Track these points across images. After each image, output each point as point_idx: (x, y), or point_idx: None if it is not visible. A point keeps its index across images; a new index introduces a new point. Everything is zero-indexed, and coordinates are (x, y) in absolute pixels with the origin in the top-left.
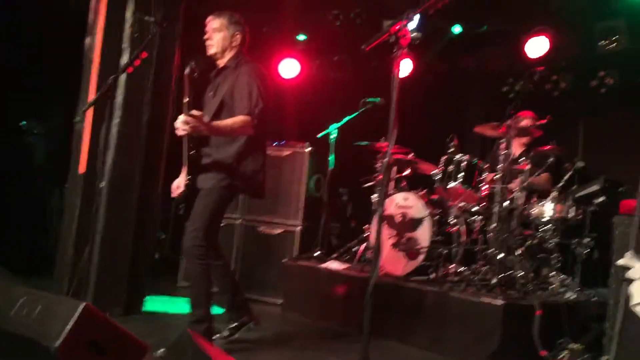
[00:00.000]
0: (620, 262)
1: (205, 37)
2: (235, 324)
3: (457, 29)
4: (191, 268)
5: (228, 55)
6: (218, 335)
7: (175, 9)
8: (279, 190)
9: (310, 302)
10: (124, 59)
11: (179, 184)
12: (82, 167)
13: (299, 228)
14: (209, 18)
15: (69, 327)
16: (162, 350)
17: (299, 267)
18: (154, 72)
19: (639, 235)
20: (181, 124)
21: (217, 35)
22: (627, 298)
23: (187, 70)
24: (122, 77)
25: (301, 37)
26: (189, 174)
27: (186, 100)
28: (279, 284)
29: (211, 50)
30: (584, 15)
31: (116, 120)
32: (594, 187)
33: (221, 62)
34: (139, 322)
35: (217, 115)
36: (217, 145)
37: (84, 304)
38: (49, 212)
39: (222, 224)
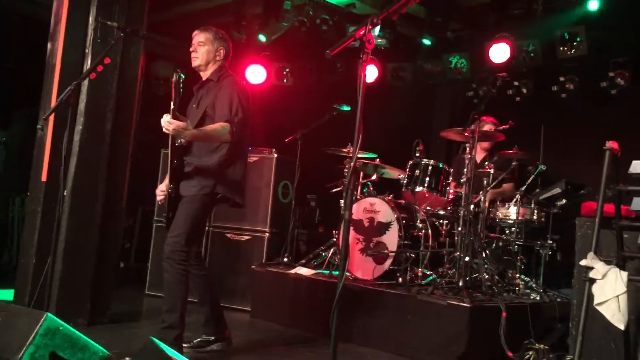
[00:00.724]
0: (583, 262)
1: (191, 49)
2: (207, 337)
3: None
4: (170, 273)
5: (211, 69)
6: (187, 344)
7: (139, 14)
8: (247, 196)
9: (278, 308)
10: (87, 64)
11: (162, 188)
12: (44, 175)
13: (267, 234)
14: (195, 32)
15: (30, 339)
16: (127, 359)
17: (267, 273)
18: (118, 79)
19: (599, 236)
20: (166, 123)
21: (202, 48)
22: (590, 298)
23: (174, 78)
24: (85, 83)
25: (262, 38)
26: (171, 182)
27: (172, 107)
28: (248, 291)
29: (195, 63)
30: (544, 22)
31: (79, 127)
32: (556, 190)
33: (204, 75)
34: (104, 332)
35: (199, 125)
36: (199, 155)
37: (45, 315)
38: (10, 221)
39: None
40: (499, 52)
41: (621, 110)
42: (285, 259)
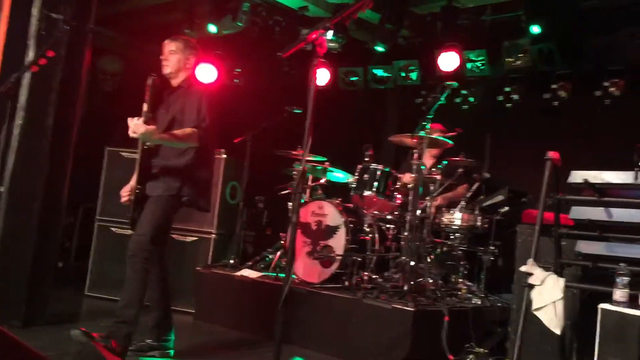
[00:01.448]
0: (523, 268)
1: (162, 57)
2: (153, 343)
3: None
4: (133, 270)
5: (182, 76)
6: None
7: (87, 7)
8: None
9: (223, 310)
10: (29, 56)
11: (127, 190)
12: None
13: (213, 235)
14: (166, 41)
15: None
16: None
17: (212, 275)
18: (62, 73)
19: (539, 243)
20: (135, 126)
21: (173, 57)
22: (529, 303)
23: (149, 81)
24: (27, 77)
25: (213, 29)
26: (139, 183)
27: (145, 108)
28: (192, 292)
29: (166, 70)
30: (492, 33)
31: (18, 121)
32: (499, 197)
33: (175, 82)
34: (40, 334)
35: (167, 130)
36: (166, 157)
37: None
38: None
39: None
40: (448, 61)
41: (563, 121)
42: (232, 261)
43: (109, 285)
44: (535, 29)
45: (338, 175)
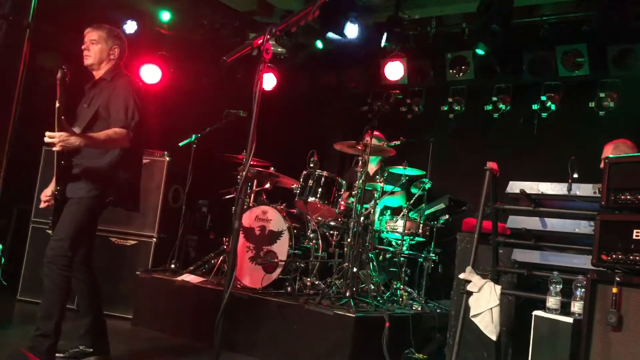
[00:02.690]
0: (461, 276)
1: (83, 47)
2: (85, 349)
3: (324, 39)
4: (50, 278)
5: (105, 68)
6: (61, 354)
7: (25, 2)
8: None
9: (163, 315)
10: None
11: (47, 193)
12: None
13: (154, 239)
14: (88, 30)
15: None
16: None
17: (152, 280)
18: None
19: (477, 251)
20: (49, 139)
21: (95, 47)
22: (467, 309)
23: (59, 75)
24: None
25: (166, 16)
26: (58, 184)
27: (57, 105)
28: (131, 298)
29: (88, 61)
30: (436, 45)
31: None
32: (440, 206)
33: (97, 74)
34: None
35: (90, 126)
36: (89, 156)
37: None
38: None
39: None
40: (394, 70)
41: (502, 132)
42: (173, 266)
43: (43, 290)
44: (479, 49)
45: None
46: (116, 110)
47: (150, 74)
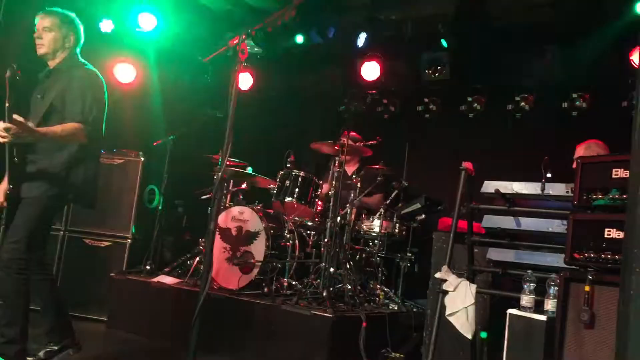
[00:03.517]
0: (437, 275)
1: (35, 35)
2: (54, 347)
3: (300, 39)
4: (7, 282)
5: (60, 57)
6: (32, 358)
7: None
8: (109, 200)
9: (138, 318)
10: None
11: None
12: None
13: (129, 240)
14: (40, 15)
15: None
16: None
17: (127, 281)
18: None
19: (453, 250)
20: (1, 132)
21: (48, 34)
22: (443, 308)
23: (7, 73)
24: None
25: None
26: (10, 182)
27: (7, 105)
28: (105, 300)
29: (41, 50)
30: (412, 45)
31: None
32: (416, 206)
33: (52, 64)
34: None
35: (45, 119)
36: (44, 152)
37: None
38: None
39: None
40: (370, 71)
41: (477, 132)
42: (148, 267)
43: None
44: (447, 42)
45: None
46: (72, 103)
47: (125, 73)
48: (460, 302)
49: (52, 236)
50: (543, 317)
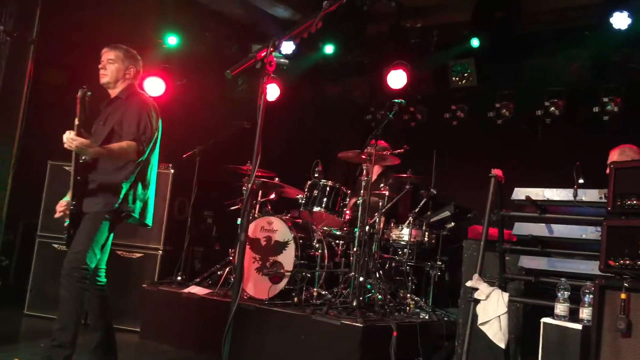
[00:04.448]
0: (468, 283)
1: (100, 66)
2: None
3: (329, 49)
4: (67, 290)
5: (120, 87)
6: None
7: (30, 18)
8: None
9: (170, 328)
10: None
11: (62, 204)
12: None
13: (160, 252)
14: (105, 49)
15: None
16: None
17: (159, 292)
18: (2, 85)
19: (484, 258)
20: (69, 140)
21: (112, 66)
22: (474, 317)
23: (80, 94)
24: None
25: (173, 41)
26: (73, 198)
27: (77, 122)
28: (138, 311)
29: (104, 80)
30: (438, 52)
31: None
32: (446, 214)
33: (113, 93)
34: None
35: (105, 143)
36: (104, 172)
37: None
38: None
39: None
40: (396, 79)
41: (506, 139)
42: (179, 278)
43: (50, 304)
44: (475, 42)
45: None
46: (128, 125)
47: (154, 86)
48: (492, 311)
49: None
50: (578, 326)
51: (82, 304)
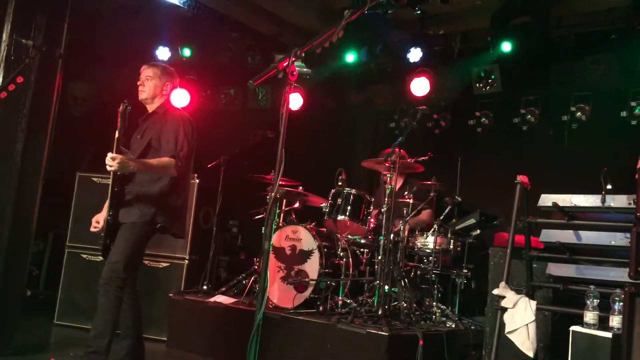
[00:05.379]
0: (495, 291)
1: (138, 83)
2: None
3: (350, 57)
4: (106, 297)
5: (157, 102)
6: None
7: (58, 32)
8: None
9: (196, 337)
10: None
11: (99, 219)
12: None
13: (186, 261)
14: (144, 67)
15: None
16: None
17: (185, 302)
18: (32, 98)
19: (510, 266)
20: (109, 161)
21: (150, 83)
22: (501, 326)
23: (121, 108)
24: None
25: (186, 52)
26: (111, 209)
27: (117, 136)
28: (164, 320)
29: (142, 96)
30: (462, 59)
31: None
32: (471, 221)
33: (150, 108)
34: None
35: (143, 156)
36: (141, 183)
37: None
38: None
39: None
40: (420, 86)
41: (531, 145)
42: (205, 287)
43: (79, 314)
44: (506, 47)
45: None
46: (167, 141)
47: (180, 97)
48: (519, 319)
49: None
50: (608, 334)
51: (118, 312)
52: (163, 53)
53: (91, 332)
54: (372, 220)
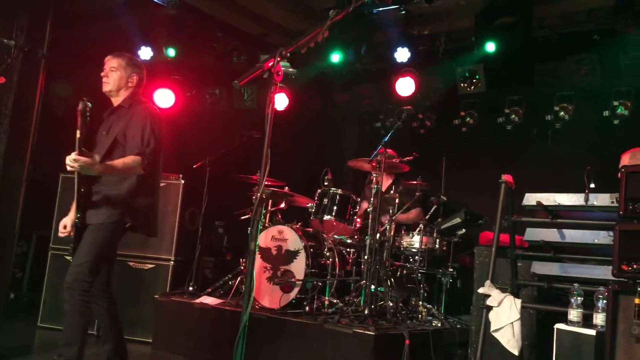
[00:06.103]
0: (480, 290)
1: (102, 74)
2: None
3: (335, 57)
4: (70, 303)
5: (123, 95)
6: None
7: (40, 33)
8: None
9: (182, 338)
10: None
11: (66, 223)
12: None
13: (171, 262)
14: (108, 57)
15: None
16: None
17: (171, 303)
18: (14, 99)
19: (496, 265)
20: (70, 162)
21: (114, 74)
22: (487, 324)
23: (80, 106)
24: None
25: (171, 52)
26: (78, 211)
27: (78, 135)
28: (150, 321)
29: (106, 88)
30: (446, 59)
31: None
32: (456, 220)
33: (116, 101)
34: None
35: (109, 153)
36: (108, 183)
37: None
38: None
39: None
40: (405, 86)
41: (516, 144)
42: (191, 288)
43: (63, 316)
44: (490, 47)
45: None
46: (132, 137)
47: (164, 98)
48: (505, 317)
49: None
50: (592, 332)
51: (87, 317)
52: (145, 53)
53: (60, 340)
54: (358, 220)
